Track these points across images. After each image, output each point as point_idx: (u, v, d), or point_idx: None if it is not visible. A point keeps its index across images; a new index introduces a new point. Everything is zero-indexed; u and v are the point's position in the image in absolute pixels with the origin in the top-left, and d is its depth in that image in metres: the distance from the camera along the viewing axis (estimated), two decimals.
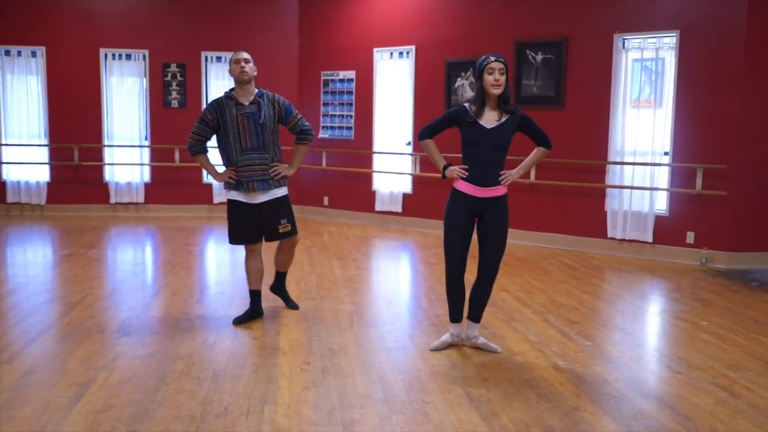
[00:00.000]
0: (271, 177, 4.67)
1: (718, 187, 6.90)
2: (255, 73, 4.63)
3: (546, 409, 3.39)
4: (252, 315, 4.82)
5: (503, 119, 4.00)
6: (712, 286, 6.18)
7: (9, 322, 4.68)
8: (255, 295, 4.86)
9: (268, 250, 5.03)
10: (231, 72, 4.61)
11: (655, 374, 3.99)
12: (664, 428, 3.20)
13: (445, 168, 4.16)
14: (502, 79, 3.93)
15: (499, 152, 4.04)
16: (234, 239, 4.79)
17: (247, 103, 4.59)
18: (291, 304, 5.13)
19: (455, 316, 4.28)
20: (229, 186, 4.70)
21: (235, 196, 4.69)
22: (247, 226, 4.72)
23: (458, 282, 4.21)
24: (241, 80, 4.56)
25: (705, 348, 4.40)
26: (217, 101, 4.63)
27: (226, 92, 4.65)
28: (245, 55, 4.58)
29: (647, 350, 4.46)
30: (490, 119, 4.00)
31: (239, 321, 4.76)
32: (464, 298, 4.27)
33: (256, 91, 4.65)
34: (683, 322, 5.02)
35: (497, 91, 3.94)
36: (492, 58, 3.94)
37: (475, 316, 4.26)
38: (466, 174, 4.03)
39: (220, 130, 4.64)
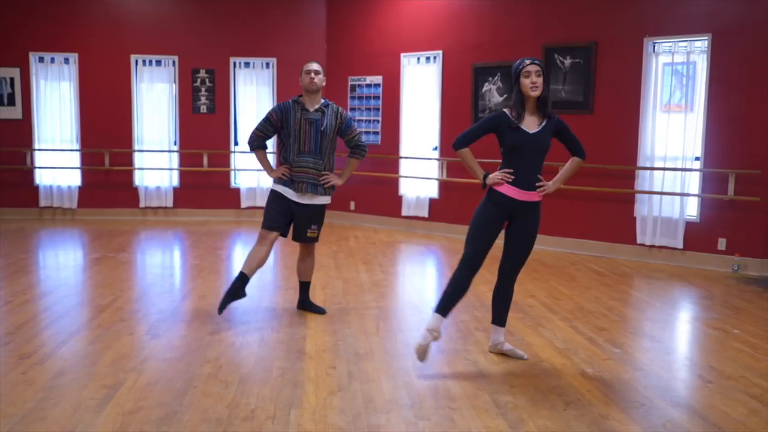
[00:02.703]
0: (321, 183, 4.86)
1: (750, 192, 6.78)
2: (323, 84, 4.86)
3: (573, 417, 3.35)
4: (233, 295, 4.79)
5: (543, 123, 3.95)
6: (744, 293, 6.06)
7: (41, 324, 4.75)
8: (243, 278, 4.81)
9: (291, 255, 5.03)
10: (301, 81, 4.84)
11: (685, 383, 3.93)
12: None
13: (485, 177, 4.02)
14: (540, 81, 3.87)
15: (542, 157, 4.00)
16: (265, 224, 4.91)
17: (312, 110, 4.83)
18: (317, 310, 5.16)
19: (447, 309, 3.95)
20: (279, 181, 4.90)
21: (281, 190, 4.88)
22: (281, 218, 4.88)
23: (470, 276, 3.96)
24: (309, 90, 4.81)
25: (737, 357, 4.32)
26: (284, 104, 4.90)
27: (294, 98, 4.90)
28: (316, 67, 4.82)
29: (677, 358, 4.39)
30: (531, 124, 3.94)
31: (222, 305, 4.77)
32: (463, 296, 4.00)
33: (323, 101, 4.89)
34: (714, 330, 4.93)
35: (536, 93, 3.88)
36: (527, 61, 3.89)
37: (500, 320, 4.21)
38: (511, 178, 3.93)
39: (282, 130, 4.89)
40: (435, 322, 3.93)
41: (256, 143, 4.99)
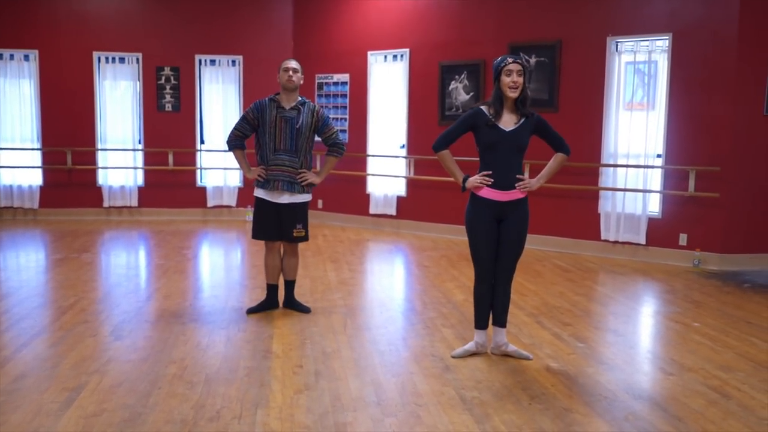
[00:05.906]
0: (297, 182, 4.89)
1: (710, 189, 6.93)
2: (301, 82, 4.90)
3: (538, 411, 3.39)
4: (267, 306, 5.11)
5: (521, 121, 3.91)
6: (704, 287, 6.19)
7: (1, 327, 4.65)
8: (272, 289, 5.14)
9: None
10: (279, 78, 4.85)
11: (647, 376, 4.00)
12: (655, 430, 3.21)
13: (464, 180, 4.02)
14: (520, 80, 3.83)
15: (519, 155, 3.97)
16: (256, 234, 5.04)
17: (288, 108, 4.84)
18: (302, 308, 5.17)
19: (482, 323, 4.15)
20: (258, 183, 4.95)
21: (261, 194, 4.94)
22: (269, 224, 4.96)
23: (488, 288, 4.10)
24: (287, 87, 4.84)
25: (697, 349, 4.41)
26: (260, 102, 4.92)
27: (271, 96, 4.92)
28: (294, 65, 4.84)
29: (640, 352, 4.47)
30: (508, 121, 3.90)
31: (253, 311, 5.06)
32: (490, 304, 4.15)
33: (299, 99, 4.91)
34: (676, 324, 5.03)
35: (514, 94, 3.84)
36: (510, 60, 3.84)
37: (501, 321, 4.16)
38: (490, 181, 3.93)
39: (259, 128, 4.90)
40: (479, 337, 4.17)
41: (234, 143, 5.02)
